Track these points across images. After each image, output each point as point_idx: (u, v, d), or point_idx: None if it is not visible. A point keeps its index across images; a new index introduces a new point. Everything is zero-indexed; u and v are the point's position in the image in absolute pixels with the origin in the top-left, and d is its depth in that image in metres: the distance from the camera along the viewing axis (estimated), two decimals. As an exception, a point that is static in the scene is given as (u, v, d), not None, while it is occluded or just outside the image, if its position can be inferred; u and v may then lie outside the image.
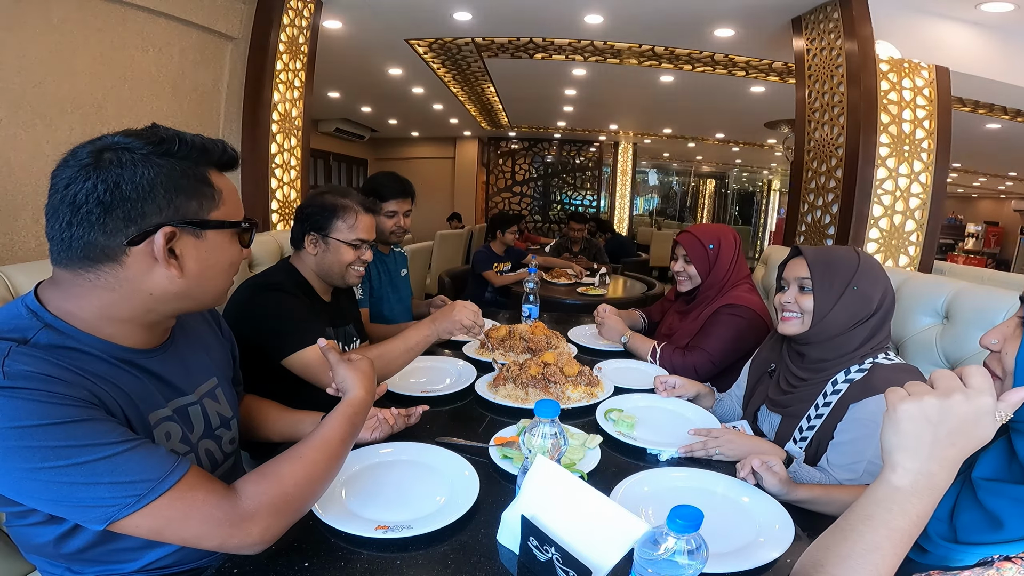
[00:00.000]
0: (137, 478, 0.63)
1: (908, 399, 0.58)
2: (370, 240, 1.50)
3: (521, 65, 4.57)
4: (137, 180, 0.68)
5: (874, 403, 1.09)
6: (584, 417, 1.29)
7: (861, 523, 0.58)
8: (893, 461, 0.58)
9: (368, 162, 10.11)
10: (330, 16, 3.43)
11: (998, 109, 4.51)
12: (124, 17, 2.05)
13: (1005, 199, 13.66)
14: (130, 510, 0.62)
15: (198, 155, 0.74)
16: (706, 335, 1.72)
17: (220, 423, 0.93)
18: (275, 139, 2.72)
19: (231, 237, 0.79)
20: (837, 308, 1.18)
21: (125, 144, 0.69)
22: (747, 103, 5.31)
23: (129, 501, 0.62)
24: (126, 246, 0.69)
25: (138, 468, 0.64)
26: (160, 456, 0.66)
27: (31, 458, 0.60)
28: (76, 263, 0.70)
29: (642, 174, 12.37)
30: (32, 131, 1.77)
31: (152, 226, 0.69)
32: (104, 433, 0.64)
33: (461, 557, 0.78)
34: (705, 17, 3.28)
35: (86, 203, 0.67)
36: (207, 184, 0.75)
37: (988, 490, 0.67)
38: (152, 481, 0.64)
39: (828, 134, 2.74)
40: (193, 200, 0.73)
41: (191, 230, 0.73)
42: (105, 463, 0.62)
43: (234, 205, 0.79)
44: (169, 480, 0.65)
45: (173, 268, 0.72)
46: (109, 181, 0.67)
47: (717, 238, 1.79)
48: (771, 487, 0.98)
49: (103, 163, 0.67)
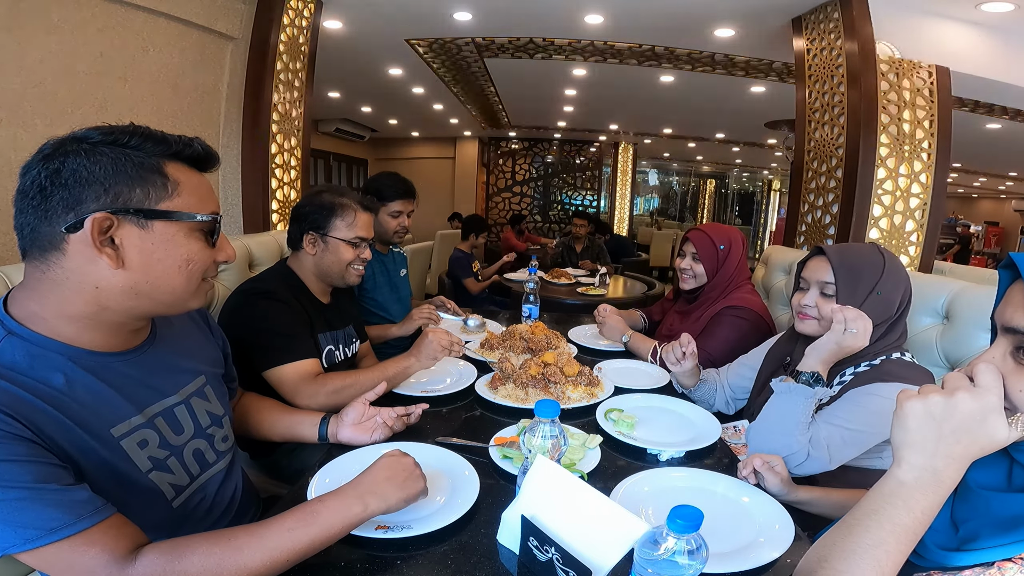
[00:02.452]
0: (31, 524, 0.61)
1: (915, 397, 0.59)
2: (368, 238, 1.50)
3: (521, 65, 4.57)
4: (76, 167, 0.67)
5: (868, 389, 1.09)
6: (584, 417, 1.29)
7: (867, 518, 0.58)
8: (899, 456, 0.59)
9: (368, 162, 10.11)
10: (330, 16, 3.43)
11: (998, 109, 4.51)
12: (124, 17, 2.05)
13: (1005, 199, 13.66)
14: (16, 550, 0.61)
15: (152, 146, 0.72)
16: (709, 336, 1.72)
17: (211, 422, 0.92)
18: (275, 139, 2.72)
19: (188, 232, 0.75)
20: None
21: (81, 136, 0.70)
22: (747, 103, 5.31)
23: (16, 542, 0.61)
24: (64, 232, 0.67)
25: (36, 515, 0.61)
26: (69, 505, 0.63)
27: None
28: (30, 254, 0.70)
29: (642, 174, 12.37)
30: (32, 131, 1.77)
31: (87, 213, 0.67)
32: (20, 475, 0.62)
33: (461, 557, 0.78)
34: (705, 17, 3.28)
35: (31, 189, 0.67)
36: (158, 174, 0.72)
37: (994, 498, 0.67)
38: (43, 530, 0.61)
39: (828, 134, 2.74)
40: (137, 188, 0.70)
41: (133, 219, 0.70)
42: (8, 505, 0.61)
43: (196, 200, 0.75)
44: (68, 530, 0.62)
45: (107, 257, 0.69)
46: (51, 168, 0.67)
47: (728, 239, 1.79)
48: (772, 487, 0.98)
49: (56, 153, 0.68)
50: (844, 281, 1.18)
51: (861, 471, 1.15)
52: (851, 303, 1.16)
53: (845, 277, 1.18)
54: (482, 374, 1.48)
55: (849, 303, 1.16)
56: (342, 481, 0.83)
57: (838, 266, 1.19)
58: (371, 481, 0.80)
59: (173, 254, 0.73)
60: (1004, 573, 0.57)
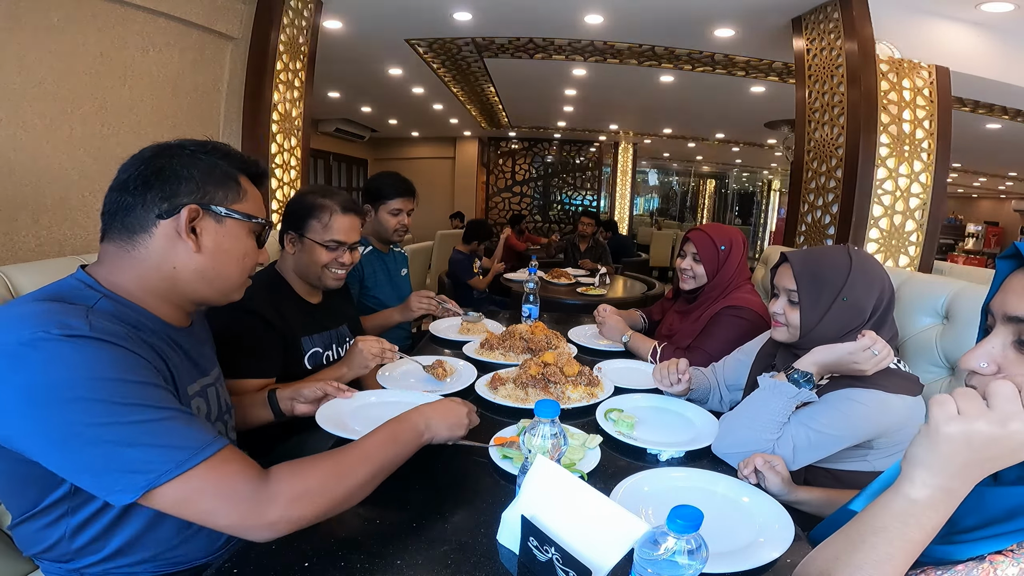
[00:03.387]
0: (182, 444, 0.67)
1: (956, 420, 0.53)
2: (349, 242, 1.45)
3: (521, 65, 4.57)
4: (177, 167, 0.81)
5: (845, 393, 1.08)
6: (584, 417, 1.29)
7: (874, 535, 0.57)
8: (913, 475, 0.56)
9: (368, 162, 10.11)
10: (330, 16, 3.43)
11: (998, 109, 4.51)
12: (124, 17, 2.05)
13: (1005, 199, 13.66)
14: (169, 476, 0.65)
15: (230, 160, 0.87)
16: (708, 336, 1.72)
17: (225, 408, 0.99)
18: (275, 139, 2.72)
19: (248, 231, 0.88)
20: (825, 321, 1.15)
21: (181, 144, 0.84)
22: (747, 103, 5.31)
23: (169, 467, 0.65)
24: (156, 219, 0.79)
25: (184, 434, 0.68)
26: (203, 427, 0.71)
27: (94, 412, 0.64)
28: (118, 234, 0.80)
29: (642, 174, 12.38)
30: (32, 131, 1.77)
31: (181, 204, 0.80)
32: (162, 398, 0.70)
33: (461, 557, 0.78)
34: (705, 17, 3.28)
35: (132, 181, 0.79)
36: (235, 181, 0.86)
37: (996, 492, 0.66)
38: (194, 449, 0.68)
39: (828, 134, 2.74)
40: (220, 190, 0.84)
41: (213, 214, 0.83)
42: (159, 425, 0.67)
43: (256, 207, 0.90)
44: (210, 449, 0.69)
45: (191, 241, 0.81)
46: (156, 166, 0.80)
47: (729, 240, 1.79)
48: (773, 487, 0.98)
49: (160, 155, 0.81)
50: (806, 289, 1.16)
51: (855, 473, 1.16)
52: (816, 311, 1.15)
53: (807, 285, 1.16)
54: (482, 374, 1.48)
55: (814, 311, 1.15)
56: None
57: (799, 274, 1.18)
58: (431, 415, 0.96)
59: (236, 247, 0.87)
60: (996, 566, 0.57)
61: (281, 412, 1.18)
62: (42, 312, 0.68)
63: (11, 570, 1.01)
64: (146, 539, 0.81)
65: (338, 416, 1.15)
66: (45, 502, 0.76)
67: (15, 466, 0.72)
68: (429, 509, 0.90)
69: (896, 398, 1.07)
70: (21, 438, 0.66)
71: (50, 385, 0.63)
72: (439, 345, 1.87)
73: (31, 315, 0.68)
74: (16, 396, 0.64)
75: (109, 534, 0.79)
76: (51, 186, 1.84)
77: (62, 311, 0.69)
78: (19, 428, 0.65)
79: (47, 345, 0.65)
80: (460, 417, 0.99)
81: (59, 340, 0.65)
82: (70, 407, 0.63)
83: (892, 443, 1.14)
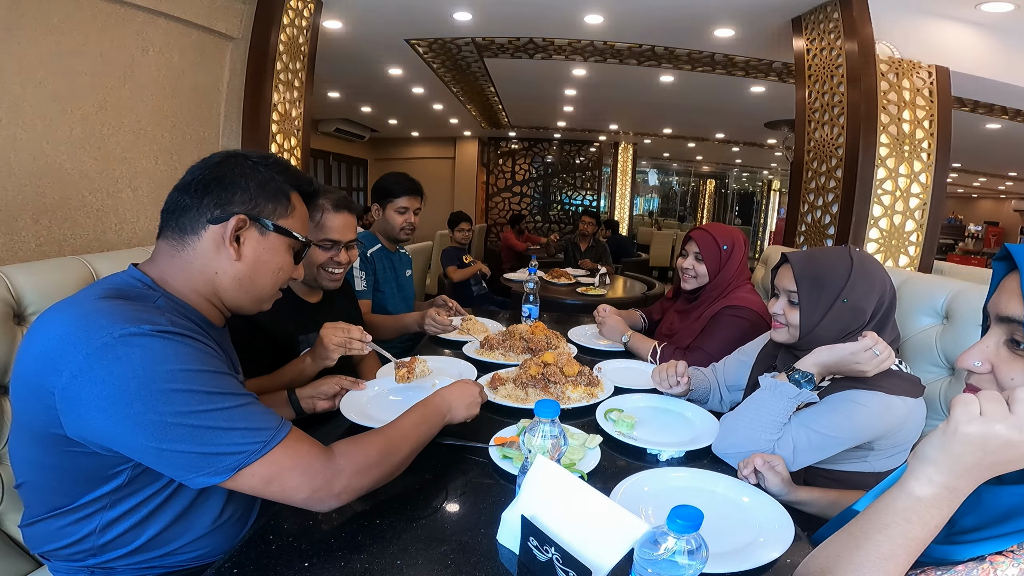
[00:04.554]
0: (263, 426, 0.74)
1: (977, 421, 0.53)
2: (344, 240, 1.45)
3: (521, 65, 4.57)
4: (236, 176, 0.85)
5: (846, 395, 1.08)
6: (584, 417, 1.29)
7: (877, 532, 0.57)
8: (919, 471, 0.57)
9: (368, 162, 10.10)
10: (330, 16, 3.43)
11: (998, 109, 4.51)
12: (124, 17, 2.05)
13: (1005, 199, 13.66)
14: (257, 455, 0.72)
15: (287, 176, 0.91)
16: (708, 336, 1.72)
17: None
18: (275, 139, 2.72)
19: (287, 247, 0.92)
20: (825, 322, 1.15)
21: (245, 154, 0.89)
22: (747, 103, 5.31)
23: (256, 447, 0.72)
24: (207, 223, 0.83)
25: (262, 417, 0.75)
26: (271, 411, 0.77)
27: (188, 401, 0.69)
28: (172, 232, 0.84)
29: (642, 174, 12.37)
30: (32, 131, 1.77)
31: (232, 212, 0.84)
32: (238, 386, 0.76)
33: (461, 557, 0.78)
34: (705, 17, 3.28)
35: (194, 184, 0.84)
36: (286, 197, 0.90)
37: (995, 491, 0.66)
38: (273, 429, 0.74)
39: (828, 134, 2.74)
40: (270, 204, 0.88)
41: (259, 225, 0.87)
42: (241, 411, 0.73)
43: (300, 225, 0.93)
44: (284, 430, 0.76)
45: (232, 249, 0.84)
46: (218, 173, 0.85)
47: (732, 240, 1.79)
48: (773, 487, 0.98)
49: (224, 163, 0.86)
50: (807, 290, 1.16)
51: (854, 474, 1.16)
52: (816, 312, 1.15)
53: (808, 286, 1.16)
54: (482, 374, 1.48)
55: (814, 312, 1.15)
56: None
57: (800, 275, 1.17)
58: (451, 397, 1.04)
59: (274, 260, 0.90)
60: (996, 567, 0.57)
61: (303, 410, 1.23)
62: (126, 308, 0.73)
63: (11, 570, 1.01)
64: (177, 529, 0.84)
65: (360, 407, 1.23)
66: (86, 498, 0.77)
67: (73, 460, 0.74)
68: (429, 509, 0.90)
69: (898, 400, 1.07)
70: (113, 430, 0.69)
71: (148, 378, 0.68)
72: (439, 345, 1.87)
73: (117, 311, 0.72)
74: (115, 388, 0.67)
75: (143, 526, 0.81)
76: (51, 186, 1.84)
77: (143, 308, 0.75)
78: (114, 420, 0.68)
79: (141, 340, 0.69)
80: (475, 396, 1.08)
81: (151, 336, 0.70)
82: (169, 398, 0.68)
83: (892, 444, 1.14)
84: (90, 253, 1.34)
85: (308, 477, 0.75)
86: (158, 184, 2.23)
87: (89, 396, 0.67)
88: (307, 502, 0.76)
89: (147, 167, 2.19)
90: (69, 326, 0.70)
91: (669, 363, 1.38)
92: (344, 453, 0.80)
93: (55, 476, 0.77)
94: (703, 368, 1.56)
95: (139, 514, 0.80)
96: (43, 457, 0.76)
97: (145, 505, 0.80)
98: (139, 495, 0.80)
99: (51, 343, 0.70)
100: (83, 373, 0.67)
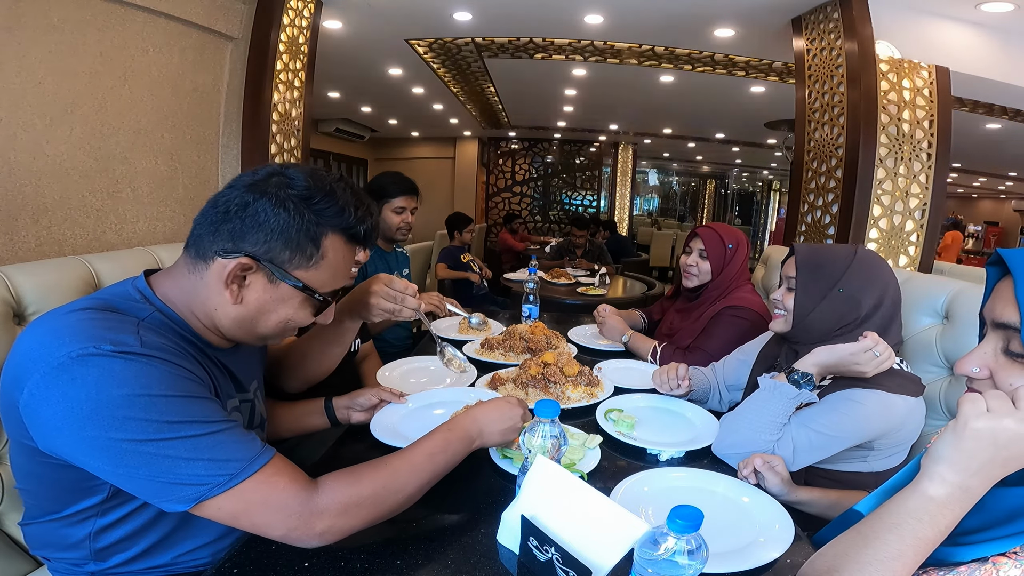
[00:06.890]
0: (232, 457, 0.68)
1: (984, 417, 0.54)
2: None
3: (521, 65, 4.57)
4: (258, 210, 0.75)
5: (846, 394, 1.08)
6: (584, 417, 1.29)
7: (887, 531, 0.57)
8: (933, 471, 0.57)
9: (368, 162, 10.11)
10: (330, 16, 3.43)
11: (998, 109, 4.51)
12: (124, 17, 2.05)
13: (1005, 199, 13.66)
14: (221, 489, 0.66)
15: (332, 215, 0.79)
16: (708, 335, 1.72)
17: (259, 421, 0.98)
18: (275, 139, 2.72)
19: (302, 301, 0.81)
20: (820, 309, 1.16)
21: (289, 179, 0.78)
22: (747, 103, 5.31)
23: (221, 480, 0.66)
24: (214, 255, 0.76)
25: (234, 448, 0.68)
26: (251, 439, 0.71)
27: (144, 429, 0.64)
28: (193, 248, 0.79)
29: (642, 174, 12.37)
30: (32, 131, 1.77)
31: (240, 251, 0.75)
32: (212, 411, 0.70)
33: (461, 557, 0.78)
34: (705, 17, 3.28)
35: (222, 206, 0.76)
36: (313, 244, 0.78)
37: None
38: (243, 461, 0.68)
39: (828, 134, 2.74)
40: (288, 251, 0.77)
41: (268, 272, 0.77)
42: (208, 439, 0.67)
43: (328, 276, 0.82)
44: (258, 462, 0.69)
45: (230, 293, 0.77)
46: (244, 200, 0.75)
47: (736, 240, 1.81)
48: (772, 487, 0.98)
49: (260, 185, 0.76)
50: (804, 275, 1.19)
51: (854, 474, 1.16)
52: (811, 297, 1.17)
53: (807, 273, 1.19)
54: (482, 374, 1.48)
55: (808, 296, 1.17)
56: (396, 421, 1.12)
57: (802, 262, 1.20)
58: (485, 420, 0.91)
59: (281, 311, 0.81)
60: (999, 568, 0.57)
61: (337, 421, 1.17)
62: (93, 325, 0.68)
63: (11, 570, 1.01)
64: (181, 535, 0.82)
65: (391, 423, 1.14)
66: (76, 507, 0.76)
67: (54, 472, 0.72)
68: (429, 509, 0.90)
69: (898, 398, 1.07)
70: (72, 450, 0.66)
71: (102, 402, 0.63)
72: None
73: (82, 327, 0.68)
74: (68, 410, 0.64)
75: (142, 533, 0.79)
76: (51, 186, 1.84)
77: (113, 325, 0.69)
78: (70, 441, 0.65)
79: (98, 360, 0.65)
80: (515, 421, 0.93)
81: (111, 356, 0.65)
82: (123, 425, 0.64)
83: (892, 444, 1.14)
84: (90, 253, 1.34)
85: (282, 516, 0.69)
86: (158, 184, 2.23)
87: (46, 415, 0.65)
88: (284, 539, 0.71)
89: (147, 167, 2.19)
90: (35, 341, 0.68)
91: (670, 366, 1.38)
92: (329, 489, 0.72)
93: (43, 484, 0.76)
94: (703, 368, 1.56)
95: (136, 521, 0.78)
96: (28, 466, 0.75)
97: (141, 513, 0.78)
98: (132, 503, 0.77)
99: (19, 357, 0.68)
100: (40, 391, 0.64)
